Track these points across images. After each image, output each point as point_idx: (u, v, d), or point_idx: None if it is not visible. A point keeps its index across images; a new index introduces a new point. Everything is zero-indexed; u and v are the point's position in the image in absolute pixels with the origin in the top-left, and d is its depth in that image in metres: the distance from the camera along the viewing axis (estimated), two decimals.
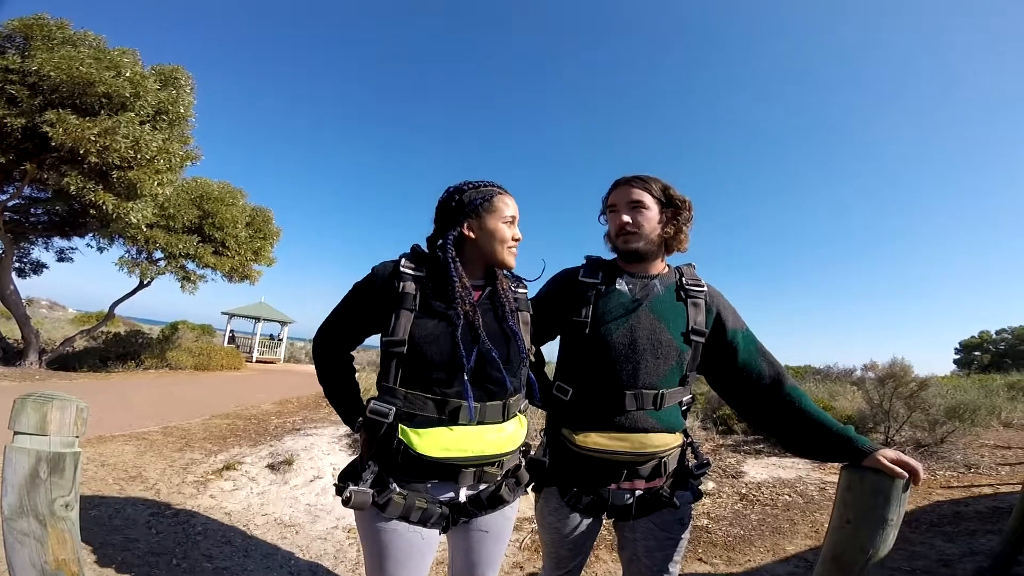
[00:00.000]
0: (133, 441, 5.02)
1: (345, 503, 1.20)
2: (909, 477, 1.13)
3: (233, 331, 23.27)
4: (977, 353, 30.75)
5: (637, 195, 1.45)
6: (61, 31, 9.20)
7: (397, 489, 1.21)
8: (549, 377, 1.59)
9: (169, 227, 11.82)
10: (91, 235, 12.27)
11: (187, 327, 18.60)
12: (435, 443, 1.20)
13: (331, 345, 1.42)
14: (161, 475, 4.04)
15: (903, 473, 1.13)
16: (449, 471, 1.25)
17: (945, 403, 5.61)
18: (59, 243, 13.13)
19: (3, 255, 11.15)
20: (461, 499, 1.28)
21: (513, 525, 1.44)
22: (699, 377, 1.54)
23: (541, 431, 1.59)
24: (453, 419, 1.23)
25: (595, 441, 1.36)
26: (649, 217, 1.45)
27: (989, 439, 6.04)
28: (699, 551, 3.19)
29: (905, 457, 1.15)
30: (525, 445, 1.43)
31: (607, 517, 1.45)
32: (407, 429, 1.20)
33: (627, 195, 1.46)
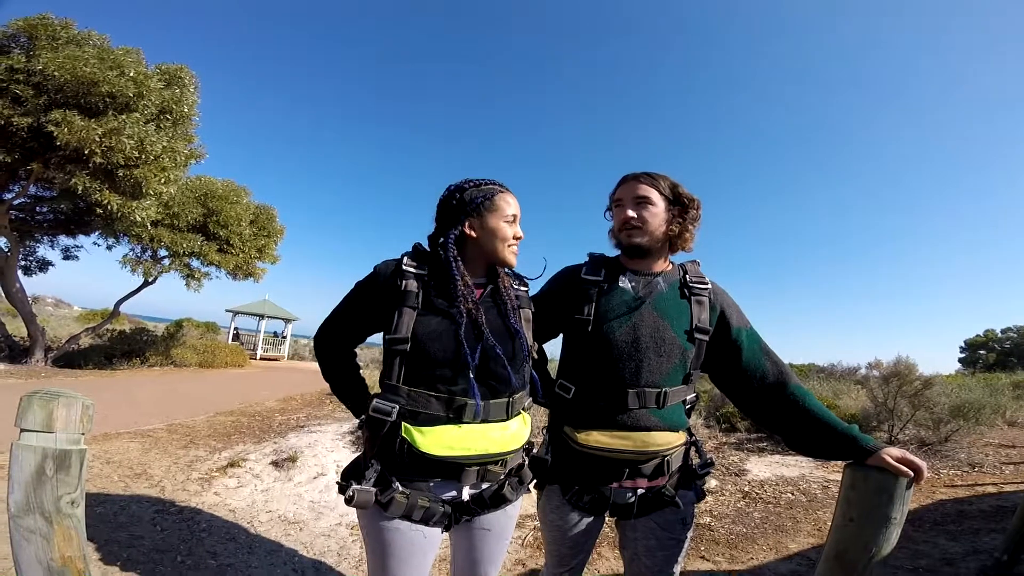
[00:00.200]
0: (138, 438, 5.05)
1: (348, 502, 1.20)
2: (913, 476, 1.13)
3: (237, 328, 23.32)
4: (982, 352, 30.56)
5: (644, 191, 1.44)
6: (65, 31, 9.23)
7: (400, 488, 1.21)
8: (552, 375, 1.59)
9: (174, 225, 11.86)
10: (97, 233, 12.32)
11: (192, 324, 18.68)
12: (439, 441, 1.20)
13: (332, 343, 1.43)
14: (166, 472, 4.07)
15: (908, 472, 1.13)
16: (452, 470, 1.25)
17: (949, 402, 5.59)
18: (64, 241, 13.19)
19: (9, 253, 11.22)
20: (464, 498, 1.28)
21: (515, 522, 1.44)
22: (703, 375, 1.53)
23: (543, 429, 1.59)
24: (458, 417, 1.23)
25: (597, 439, 1.36)
26: (654, 213, 1.44)
27: (994, 438, 6.02)
28: (702, 549, 3.19)
29: (910, 455, 1.15)
30: (528, 443, 1.43)
31: (609, 515, 1.44)
32: (411, 427, 1.20)
33: (633, 190, 1.46)
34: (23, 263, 12.88)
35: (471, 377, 1.24)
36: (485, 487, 1.31)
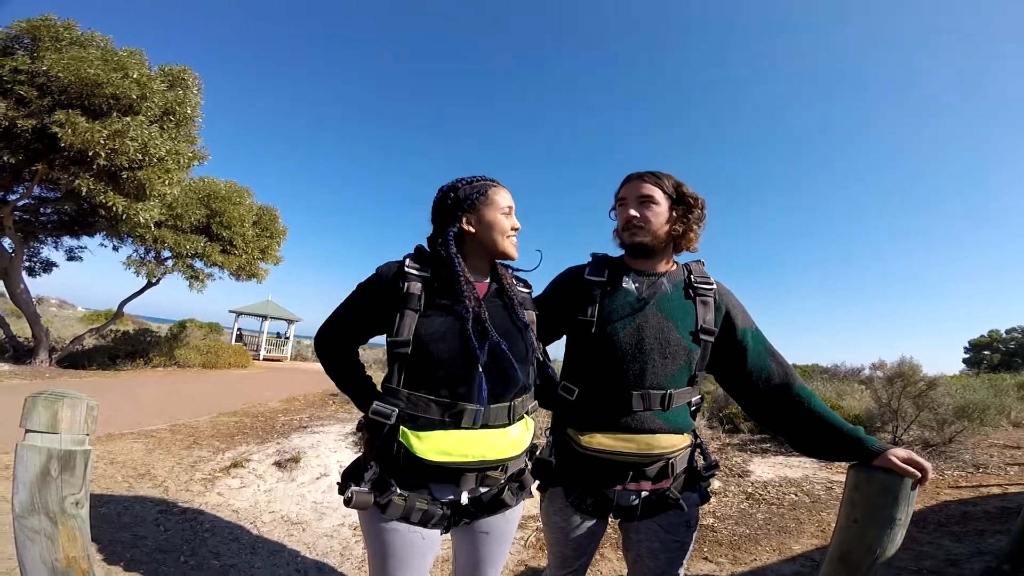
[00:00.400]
0: (142, 439, 5.07)
1: (347, 503, 1.20)
2: (919, 476, 1.13)
3: (240, 329, 23.40)
4: (987, 352, 30.43)
5: (647, 190, 1.43)
6: (68, 32, 9.26)
7: (398, 491, 1.21)
8: (555, 377, 1.58)
9: (177, 226, 11.91)
10: (101, 234, 12.37)
11: (195, 325, 18.74)
12: (435, 447, 1.19)
13: (332, 345, 1.41)
14: (169, 473, 4.08)
15: (916, 472, 1.12)
16: (450, 474, 1.24)
17: (954, 402, 5.56)
18: (68, 242, 13.27)
19: (13, 254, 11.27)
20: (463, 501, 1.27)
21: (516, 526, 1.43)
22: (707, 376, 1.52)
23: (546, 430, 1.59)
24: (456, 422, 1.22)
25: (600, 442, 1.34)
26: (658, 212, 1.42)
27: (998, 439, 5.99)
28: (704, 550, 3.18)
29: (916, 456, 1.15)
30: (532, 445, 1.42)
31: (612, 517, 1.43)
32: (408, 431, 1.20)
33: (637, 189, 1.44)
34: (27, 264, 12.94)
35: (478, 375, 1.23)
36: (484, 491, 1.30)
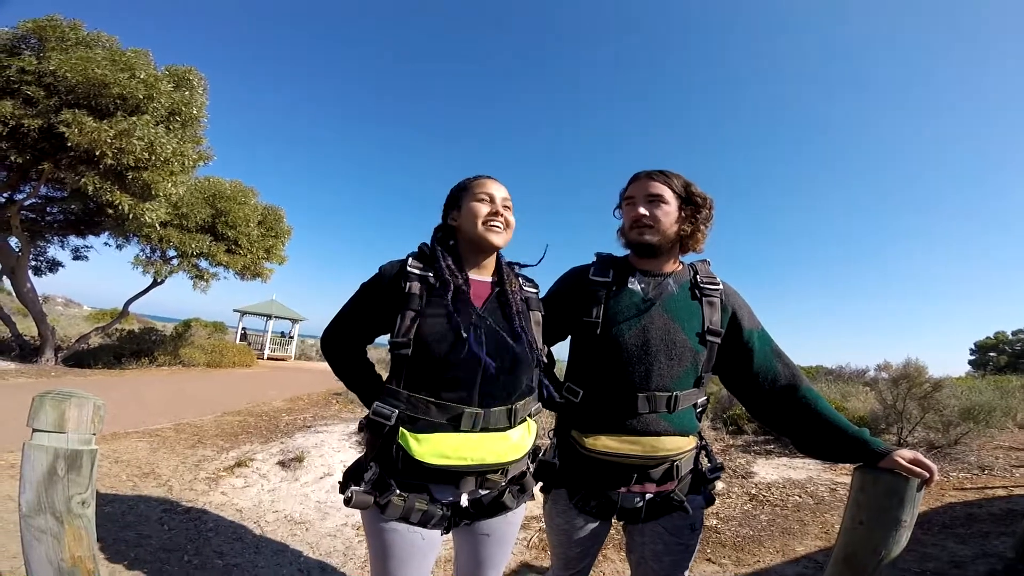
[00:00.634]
0: (146, 438, 5.09)
1: (347, 503, 1.21)
2: (926, 477, 1.12)
3: (245, 328, 23.47)
4: (993, 354, 30.28)
5: (656, 189, 1.41)
6: (75, 32, 9.31)
7: (397, 491, 1.21)
8: (560, 378, 1.57)
9: (182, 226, 11.97)
10: (107, 234, 12.44)
11: (200, 324, 18.79)
12: (434, 449, 1.19)
13: (339, 345, 1.41)
14: (173, 472, 4.10)
15: (922, 473, 1.12)
16: (449, 476, 1.24)
17: (959, 404, 5.54)
18: (75, 241, 13.37)
19: (20, 253, 11.34)
20: (462, 502, 1.27)
21: (518, 528, 1.43)
22: (712, 377, 1.50)
23: (550, 432, 1.58)
24: (455, 424, 1.22)
25: (605, 444, 1.33)
26: (667, 212, 1.40)
27: (1004, 441, 5.95)
28: (708, 551, 3.17)
29: (921, 457, 1.14)
30: (535, 447, 1.41)
31: (616, 519, 1.42)
32: (407, 433, 1.19)
33: (646, 188, 1.42)
34: (34, 263, 13.02)
35: (478, 377, 1.23)
36: (484, 493, 1.29)
